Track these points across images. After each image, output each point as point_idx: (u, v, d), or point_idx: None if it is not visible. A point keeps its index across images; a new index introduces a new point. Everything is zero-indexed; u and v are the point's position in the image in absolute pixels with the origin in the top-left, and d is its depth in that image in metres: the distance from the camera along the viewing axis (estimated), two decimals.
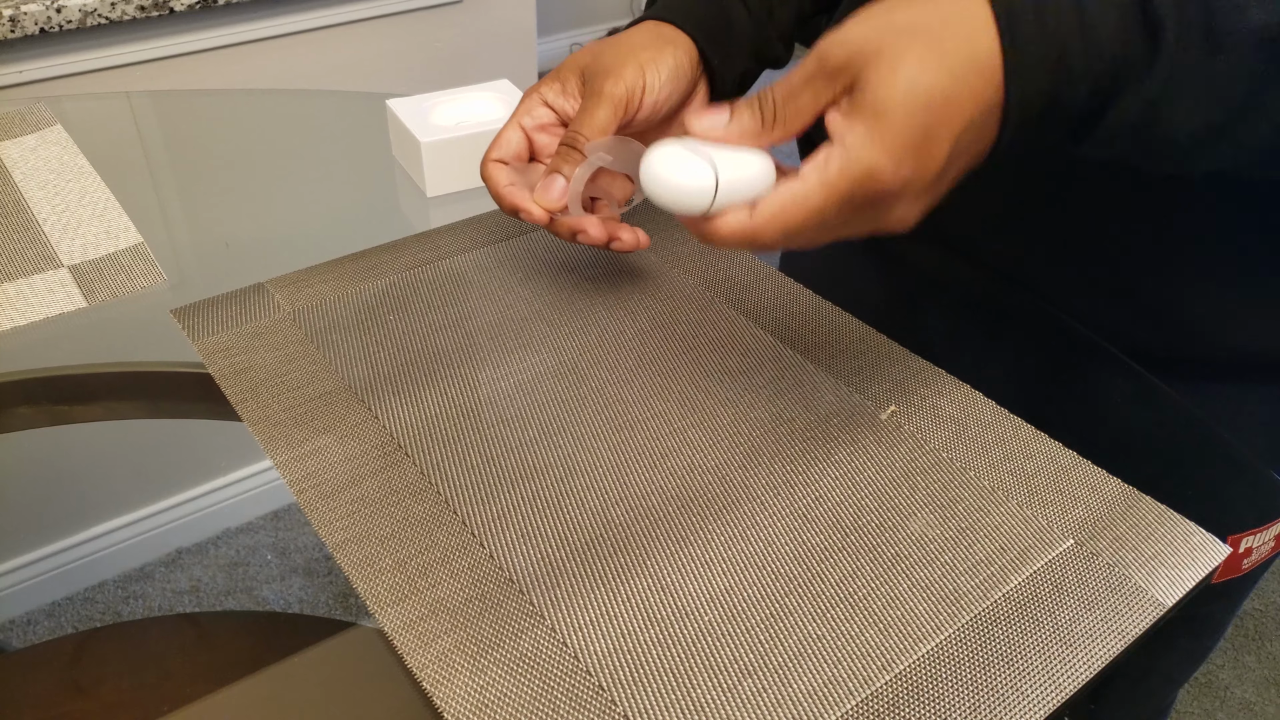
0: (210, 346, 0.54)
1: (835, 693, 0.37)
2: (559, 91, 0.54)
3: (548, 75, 0.55)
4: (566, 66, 0.54)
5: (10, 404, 0.56)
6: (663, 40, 0.54)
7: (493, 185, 0.53)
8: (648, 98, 0.52)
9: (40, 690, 0.52)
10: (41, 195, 0.68)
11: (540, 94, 0.54)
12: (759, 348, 0.55)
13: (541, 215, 0.51)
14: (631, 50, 0.52)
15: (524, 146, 0.55)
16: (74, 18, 1.10)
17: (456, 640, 0.39)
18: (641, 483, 0.46)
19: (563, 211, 0.51)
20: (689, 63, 0.54)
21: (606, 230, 0.52)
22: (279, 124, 0.86)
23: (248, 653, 0.54)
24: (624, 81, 0.51)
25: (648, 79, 0.52)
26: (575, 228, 0.51)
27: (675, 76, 0.53)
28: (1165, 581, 0.42)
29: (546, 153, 0.55)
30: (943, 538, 0.44)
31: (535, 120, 0.55)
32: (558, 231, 0.52)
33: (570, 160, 0.50)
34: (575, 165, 0.50)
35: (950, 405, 0.51)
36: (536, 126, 0.55)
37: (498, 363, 0.54)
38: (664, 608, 0.41)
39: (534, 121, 0.54)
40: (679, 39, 0.54)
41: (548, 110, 0.55)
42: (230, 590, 1.41)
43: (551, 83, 0.54)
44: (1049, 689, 0.38)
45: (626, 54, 0.52)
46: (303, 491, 0.45)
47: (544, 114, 0.55)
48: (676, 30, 0.54)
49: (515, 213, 0.52)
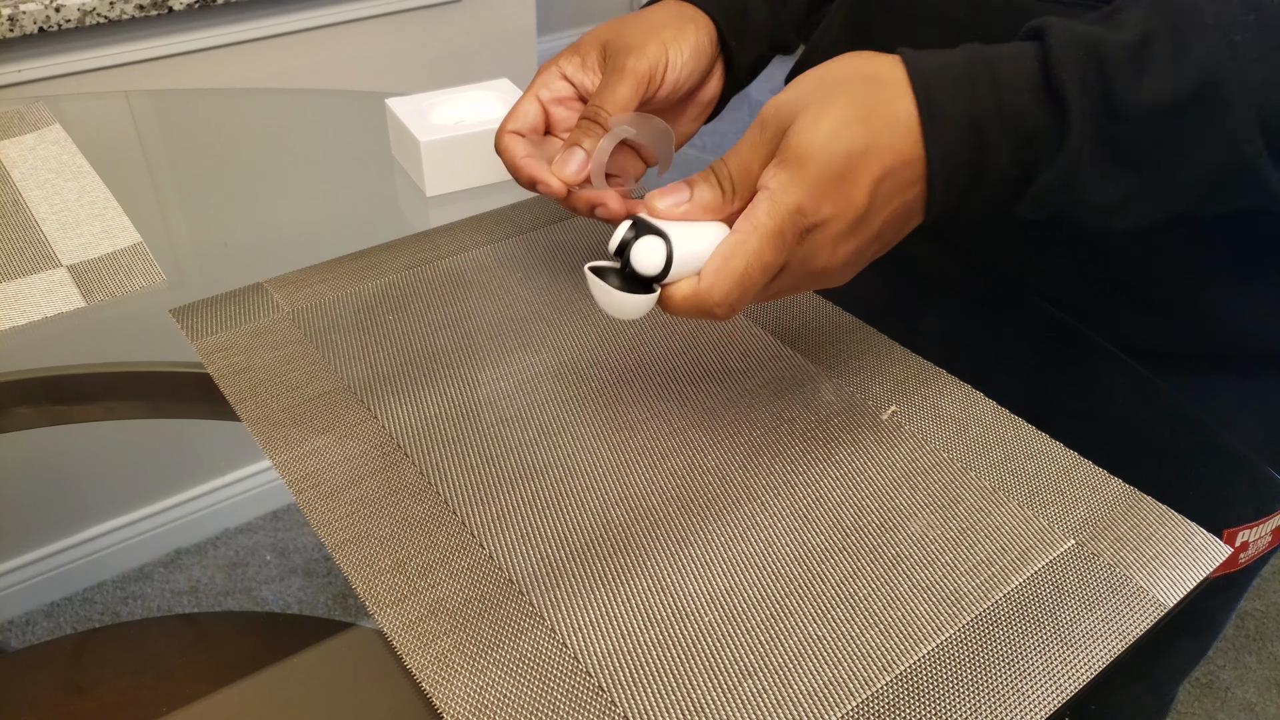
0: (209, 346, 0.54)
1: (836, 693, 0.37)
2: (578, 65, 0.53)
3: (567, 48, 0.54)
4: (587, 41, 0.54)
5: (9, 404, 0.56)
6: (685, 19, 0.54)
7: (509, 156, 0.52)
8: (670, 75, 0.52)
9: (39, 691, 0.52)
10: (40, 195, 0.68)
11: (559, 67, 0.54)
12: (759, 348, 0.55)
13: (559, 187, 0.50)
14: (654, 27, 0.52)
15: (540, 119, 0.54)
16: (73, 17, 1.10)
17: (456, 641, 0.39)
18: (641, 483, 0.46)
19: (581, 185, 0.50)
20: (709, 43, 0.54)
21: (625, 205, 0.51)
22: (278, 123, 0.86)
23: (247, 653, 0.54)
24: (647, 58, 0.51)
25: (670, 56, 0.52)
26: (595, 200, 0.50)
27: (696, 55, 0.53)
28: (1166, 582, 0.42)
29: (563, 127, 0.54)
30: (944, 538, 0.44)
31: (553, 93, 0.54)
32: (574, 205, 0.51)
33: (591, 134, 0.49)
34: (596, 139, 0.49)
35: (951, 405, 0.51)
36: (554, 99, 0.54)
37: (497, 362, 0.54)
38: (664, 608, 0.40)
39: (551, 94, 0.54)
40: (700, 19, 0.54)
41: (566, 84, 0.54)
42: (229, 591, 1.41)
43: (571, 56, 0.54)
44: (1050, 689, 0.38)
45: (649, 31, 0.52)
46: (302, 492, 0.45)
47: (562, 87, 0.54)
48: (698, 10, 0.55)
49: (532, 185, 0.51)
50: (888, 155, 0.39)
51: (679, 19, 0.54)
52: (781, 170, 0.39)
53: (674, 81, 0.52)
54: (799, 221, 0.39)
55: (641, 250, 0.40)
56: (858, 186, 0.39)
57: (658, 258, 0.40)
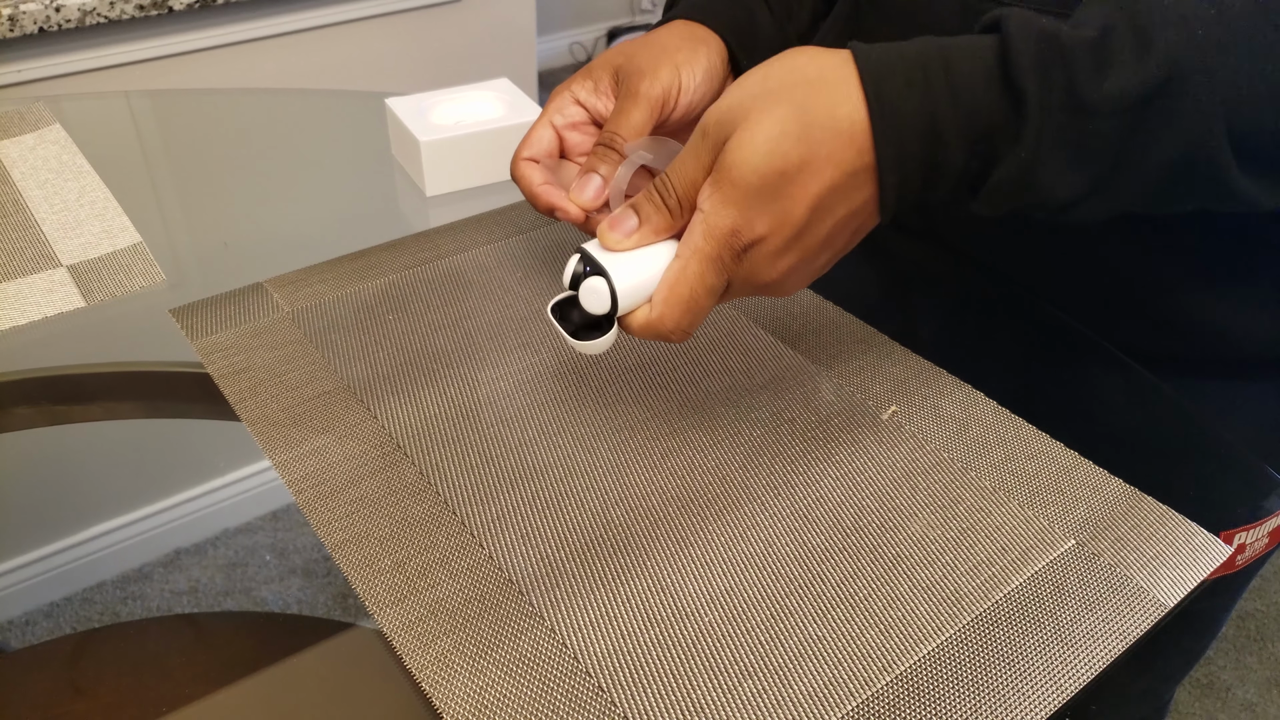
0: (209, 346, 0.54)
1: (836, 694, 0.37)
2: (591, 90, 0.54)
3: (579, 72, 0.55)
4: (599, 65, 0.54)
5: (8, 404, 0.56)
6: (696, 40, 0.54)
7: (525, 184, 0.53)
8: (683, 98, 0.52)
9: (39, 691, 0.52)
10: (40, 195, 0.68)
11: (572, 92, 0.54)
12: (759, 347, 0.55)
13: (578, 214, 0.51)
14: (665, 50, 0.52)
15: (555, 144, 0.54)
16: (73, 17, 1.10)
17: (456, 641, 0.39)
18: (641, 483, 0.46)
19: (599, 210, 0.51)
20: (720, 63, 0.54)
21: None
22: (278, 123, 0.86)
23: (246, 654, 0.54)
24: (660, 82, 0.51)
25: (683, 79, 0.52)
26: None
27: (709, 77, 0.53)
28: (1166, 583, 0.42)
29: (577, 151, 0.55)
30: (944, 538, 0.44)
31: (567, 118, 0.54)
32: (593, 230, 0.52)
33: (608, 160, 0.50)
34: (613, 165, 0.50)
35: (951, 405, 0.51)
36: (568, 124, 0.54)
37: (497, 362, 0.54)
38: (664, 609, 0.40)
39: (565, 119, 0.54)
40: (710, 39, 0.54)
41: (579, 109, 0.54)
42: (229, 591, 1.41)
43: (584, 80, 0.54)
44: (1050, 690, 0.38)
45: (661, 54, 0.52)
46: (301, 492, 0.45)
47: (576, 112, 0.54)
48: (708, 31, 0.55)
49: (551, 211, 0.52)
50: (827, 169, 0.38)
51: (690, 41, 0.54)
52: (716, 190, 0.39)
53: (687, 104, 0.53)
54: (734, 242, 0.39)
55: (587, 294, 0.41)
56: (794, 201, 0.38)
57: (603, 301, 0.41)
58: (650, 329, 0.42)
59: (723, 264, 0.40)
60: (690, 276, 0.40)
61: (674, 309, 0.41)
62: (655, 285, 0.41)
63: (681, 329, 0.41)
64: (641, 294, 0.41)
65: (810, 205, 0.39)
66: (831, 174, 0.38)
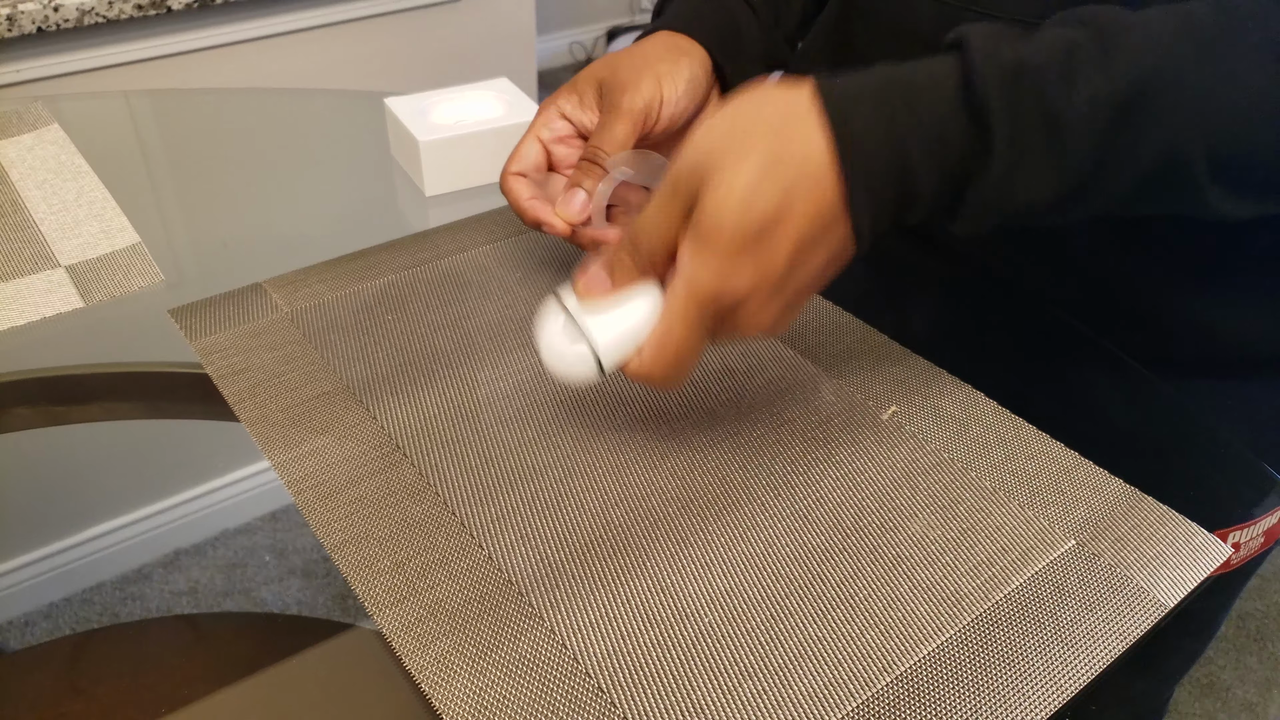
0: (208, 347, 0.54)
1: (836, 694, 0.37)
2: (576, 104, 0.55)
3: (564, 87, 0.56)
4: (583, 79, 0.55)
5: (7, 405, 0.56)
6: (678, 51, 0.54)
7: (514, 199, 0.54)
8: (665, 110, 0.53)
9: (38, 692, 0.52)
10: (38, 195, 0.68)
11: (557, 106, 0.55)
12: (759, 348, 0.55)
13: (564, 228, 0.52)
14: (647, 62, 0.53)
15: (542, 158, 0.55)
16: (71, 17, 1.10)
17: (455, 642, 0.39)
18: (641, 483, 0.46)
19: (585, 224, 0.52)
20: (704, 73, 0.55)
21: None
22: (277, 123, 0.86)
23: (246, 654, 0.54)
24: (642, 95, 0.52)
25: (665, 92, 0.52)
26: (599, 239, 0.53)
27: (691, 88, 0.54)
28: (1167, 583, 0.42)
29: (565, 164, 0.56)
30: (944, 539, 0.44)
31: (553, 133, 0.55)
32: (579, 242, 0.53)
33: (591, 175, 0.51)
34: (596, 179, 0.51)
35: (951, 405, 0.51)
36: (554, 139, 0.55)
37: (496, 363, 0.54)
38: (664, 609, 0.40)
39: (552, 134, 0.55)
40: (693, 49, 0.55)
41: (565, 123, 0.55)
42: (228, 591, 1.41)
43: (569, 95, 0.55)
44: (1051, 690, 0.38)
45: (643, 67, 0.53)
46: (301, 492, 0.45)
47: (561, 126, 0.55)
48: (691, 41, 0.55)
49: (538, 225, 0.53)
50: (802, 215, 0.38)
51: (673, 52, 0.54)
52: (696, 252, 0.38)
53: (670, 116, 0.53)
54: (718, 305, 0.39)
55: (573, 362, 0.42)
56: (774, 253, 0.38)
57: (590, 369, 0.42)
58: (644, 379, 0.42)
59: (706, 325, 0.40)
60: (676, 338, 0.40)
61: (663, 364, 0.41)
62: (639, 332, 0.41)
63: (672, 380, 0.42)
64: (626, 348, 0.42)
65: (789, 255, 0.38)
66: (807, 220, 0.38)
